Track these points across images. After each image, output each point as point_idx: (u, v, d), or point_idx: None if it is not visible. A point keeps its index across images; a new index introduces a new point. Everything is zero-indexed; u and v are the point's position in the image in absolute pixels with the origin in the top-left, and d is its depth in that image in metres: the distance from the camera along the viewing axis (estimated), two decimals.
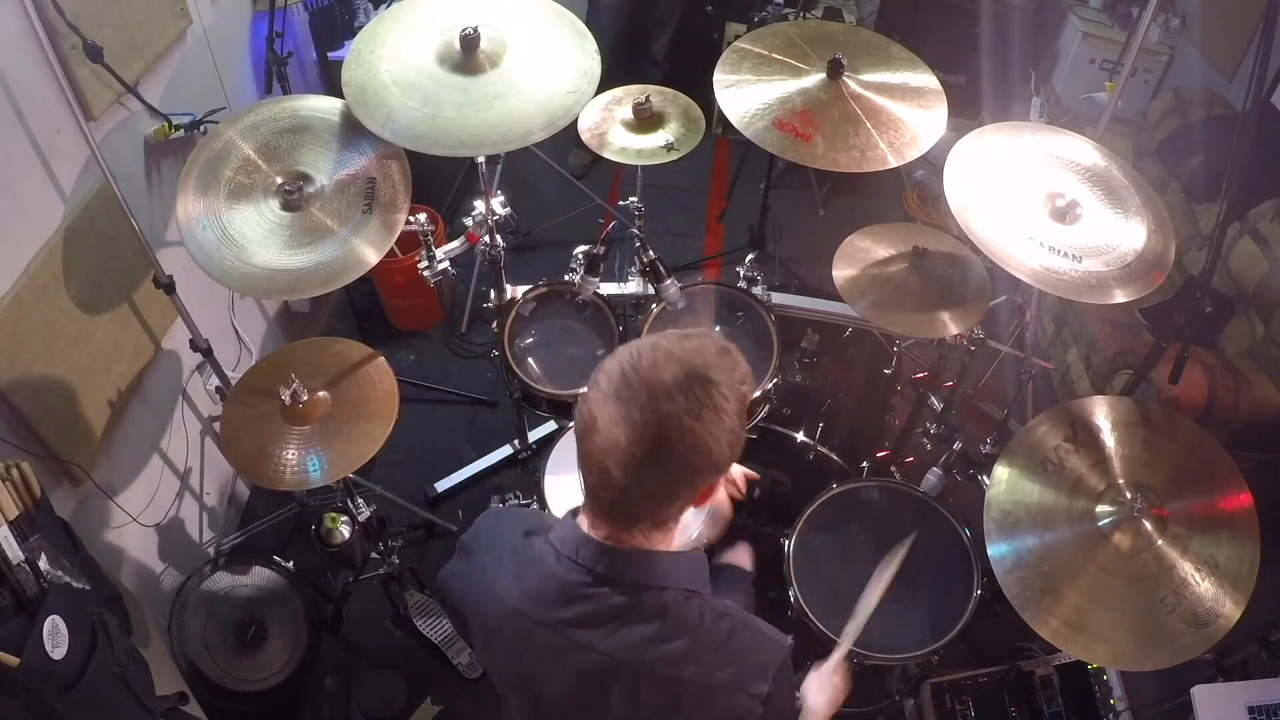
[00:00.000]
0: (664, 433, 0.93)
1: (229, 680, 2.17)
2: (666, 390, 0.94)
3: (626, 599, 1.02)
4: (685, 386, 0.94)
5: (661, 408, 0.93)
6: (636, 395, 0.94)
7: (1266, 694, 1.74)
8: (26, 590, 1.32)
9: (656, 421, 0.93)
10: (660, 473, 0.96)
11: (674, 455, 0.95)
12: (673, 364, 0.95)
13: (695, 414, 0.94)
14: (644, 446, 0.94)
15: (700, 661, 1.02)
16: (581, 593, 1.02)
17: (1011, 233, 1.64)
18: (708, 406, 0.94)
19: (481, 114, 1.68)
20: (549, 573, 1.05)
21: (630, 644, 1.01)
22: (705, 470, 0.99)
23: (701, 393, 0.94)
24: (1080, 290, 1.59)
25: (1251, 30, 2.84)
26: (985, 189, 1.68)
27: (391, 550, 2.20)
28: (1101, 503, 1.61)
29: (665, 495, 1.00)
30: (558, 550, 1.05)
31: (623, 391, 0.95)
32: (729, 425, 0.97)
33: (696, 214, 3.88)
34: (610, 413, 0.95)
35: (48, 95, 1.72)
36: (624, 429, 0.94)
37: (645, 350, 0.98)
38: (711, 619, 1.04)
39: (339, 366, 1.88)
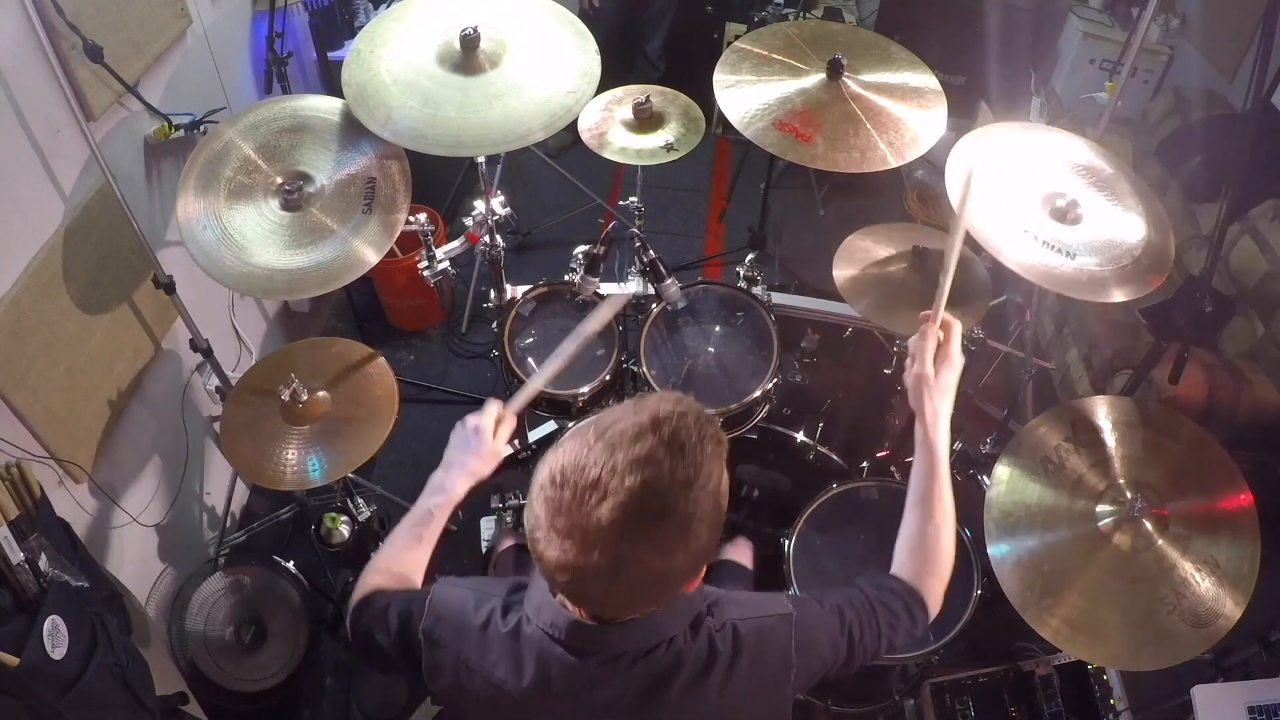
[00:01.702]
0: (623, 575, 0.86)
1: (229, 680, 2.17)
2: (608, 536, 0.83)
3: (637, 668, 0.98)
4: (635, 526, 0.83)
5: (614, 553, 0.84)
6: (576, 538, 0.84)
7: (1266, 694, 1.74)
8: (26, 590, 1.32)
9: (609, 565, 0.84)
10: (627, 590, 0.89)
11: (637, 581, 0.87)
12: (615, 496, 0.83)
13: (660, 550, 0.86)
14: (600, 576, 0.85)
15: (726, 685, 1.01)
16: (592, 676, 0.98)
17: (1008, 227, 1.64)
18: (667, 538, 0.85)
19: (481, 114, 1.68)
20: (550, 659, 0.98)
21: (657, 706, 0.99)
22: (679, 578, 0.92)
23: (657, 531, 0.85)
24: (1075, 286, 1.59)
25: (1251, 30, 2.84)
26: (985, 186, 1.68)
27: None
28: (1101, 503, 1.61)
29: (644, 603, 0.94)
30: (549, 635, 0.98)
31: (558, 524, 0.85)
32: (696, 543, 0.88)
33: (696, 214, 3.88)
34: (555, 548, 0.86)
35: (48, 95, 1.72)
36: (577, 562, 0.85)
37: (574, 474, 0.85)
38: (720, 638, 1.02)
39: (339, 366, 1.88)
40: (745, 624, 1.04)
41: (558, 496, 0.85)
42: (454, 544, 2.65)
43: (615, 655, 0.97)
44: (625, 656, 0.97)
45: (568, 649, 0.98)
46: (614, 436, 0.86)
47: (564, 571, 0.87)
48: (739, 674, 1.01)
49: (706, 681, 1.00)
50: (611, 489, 0.83)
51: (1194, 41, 3.29)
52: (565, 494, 0.85)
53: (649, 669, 0.98)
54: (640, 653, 0.98)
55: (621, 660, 0.98)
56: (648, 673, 0.98)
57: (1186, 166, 3.01)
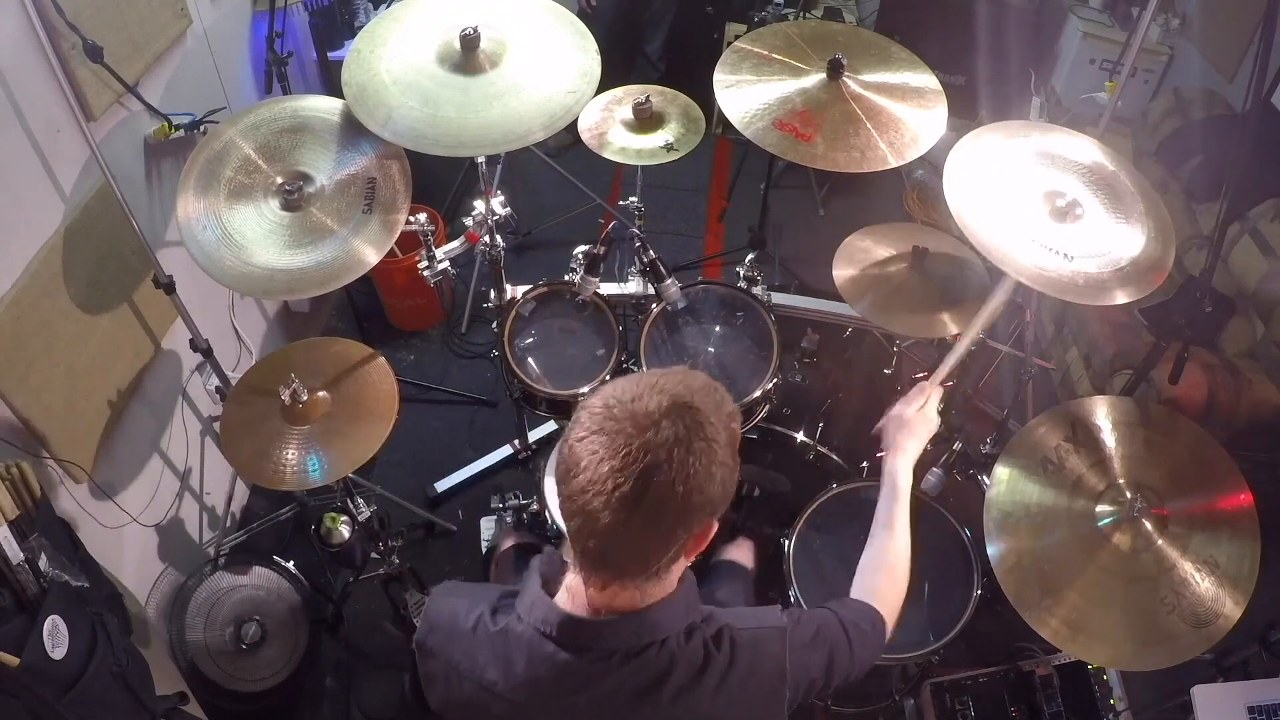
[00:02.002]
0: (651, 465, 0.87)
1: (229, 680, 2.17)
2: (654, 419, 0.89)
3: (629, 667, 0.98)
4: (672, 416, 0.89)
5: (648, 439, 0.88)
6: (622, 426, 0.89)
7: (1266, 694, 1.74)
8: (26, 590, 1.32)
9: (643, 452, 0.87)
10: (649, 513, 0.89)
11: (663, 491, 0.88)
12: (658, 395, 0.91)
13: (685, 444, 0.89)
14: (630, 482, 0.87)
15: (721, 690, 1.01)
16: (583, 674, 0.98)
17: (1008, 231, 1.63)
18: (698, 437, 0.90)
19: (481, 114, 1.68)
20: (540, 656, 0.99)
21: (649, 707, 0.99)
22: (698, 509, 0.92)
23: (691, 422, 0.90)
24: (1075, 291, 1.58)
25: (1251, 30, 2.84)
26: (984, 188, 1.68)
27: (391, 550, 2.20)
28: (1101, 503, 1.61)
29: (656, 540, 0.93)
30: (540, 632, 0.99)
31: (607, 424, 0.90)
32: (721, 458, 0.92)
33: (696, 214, 3.88)
34: (593, 448, 0.89)
35: (48, 95, 1.72)
36: (608, 464, 0.88)
37: (629, 384, 0.94)
38: (714, 645, 1.02)
39: (339, 366, 1.88)
40: (741, 634, 1.04)
41: (614, 398, 0.92)
42: (454, 544, 2.66)
43: (607, 653, 0.98)
44: (617, 655, 0.98)
45: (559, 645, 0.98)
46: (658, 374, 0.96)
47: (600, 482, 0.88)
48: (734, 681, 1.02)
49: (700, 685, 1.00)
50: (661, 386, 0.93)
51: (1194, 41, 3.30)
52: (625, 392, 0.93)
53: (641, 669, 0.98)
54: (632, 651, 0.98)
55: (613, 659, 0.98)
56: (640, 673, 0.99)
57: (1186, 166, 3.01)
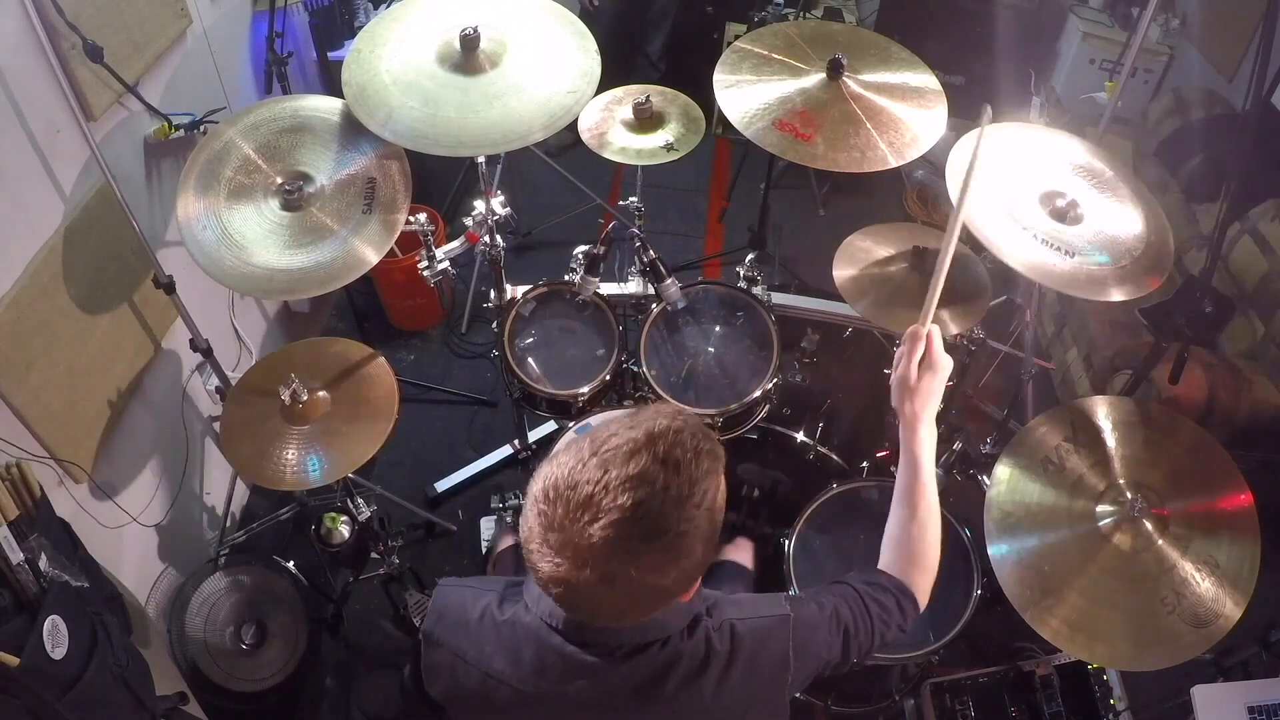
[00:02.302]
0: (615, 589, 0.85)
1: (229, 680, 2.16)
2: (600, 554, 0.83)
3: (633, 662, 0.98)
4: (627, 545, 0.83)
5: (606, 570, 0.84)
6: (568, 554, 0.84)
7: (1266, 694, 1.74)
8: (27, 590, 1.32)
9: (600, 580, 0.84)
10: (624, 604, 0.88)
11: (633, 591, 0.86)
12: (607, 515, 0.82)
13: (652, 569, 0.85)
14: (591, 587, 0.85)
15: (723, 684, 1.01)
16: (588, 665, 0.98)
17: (1007, 225, 1.64)
18: (660, 557, 0.85)
19: (481, 114, 1.68)
20: (546, 647, 0.99)
21: (652, 701, 1.00)
22: (672, 591, 0.90)
23: (650, 550, 0.84)
24: (1074, 284, 1.59)
25: (1251, 30, 2.84)
26: (984, 185, 1.68)
27: (391, 550, 2.20)
28: (1101, 503, 1.61)
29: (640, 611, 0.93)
30: (547, 624, 0.99)
31: (550, 539, 0.85)
32: (689, 547, 0.87)
33: (696, 214, 3.88)
34: (549, 562, 0.86)
35: (48, 95, 1.72)
36: (565, 569, 0.85)
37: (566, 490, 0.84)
38: (717, 639, 1.02)
39: (339, 366, 1.88)
40: (743, 624, 1.05)
41: (550, 512, 0.85)
42: (454, 544, 2.66)
43: (611, 648, 0.98)
44: (621, 649, 0.98)
45: (565, 638, 0.99)
46: (608, 453, 0.85)
47: (557, 584, 0.87)
48: (736, 674, 1.02)
49: (702, 679, 1.00)
50: (604, 508, 0.82)
51: (1194, 41, 3.30)
52: (558, 510, 0.84)
53: (645, 663, 0.99)
54: (636, 647, 0.98)
55: (618, 653, 0.98)
56: (643, 667, 0.99)
57: (1186, 166, 3.01)
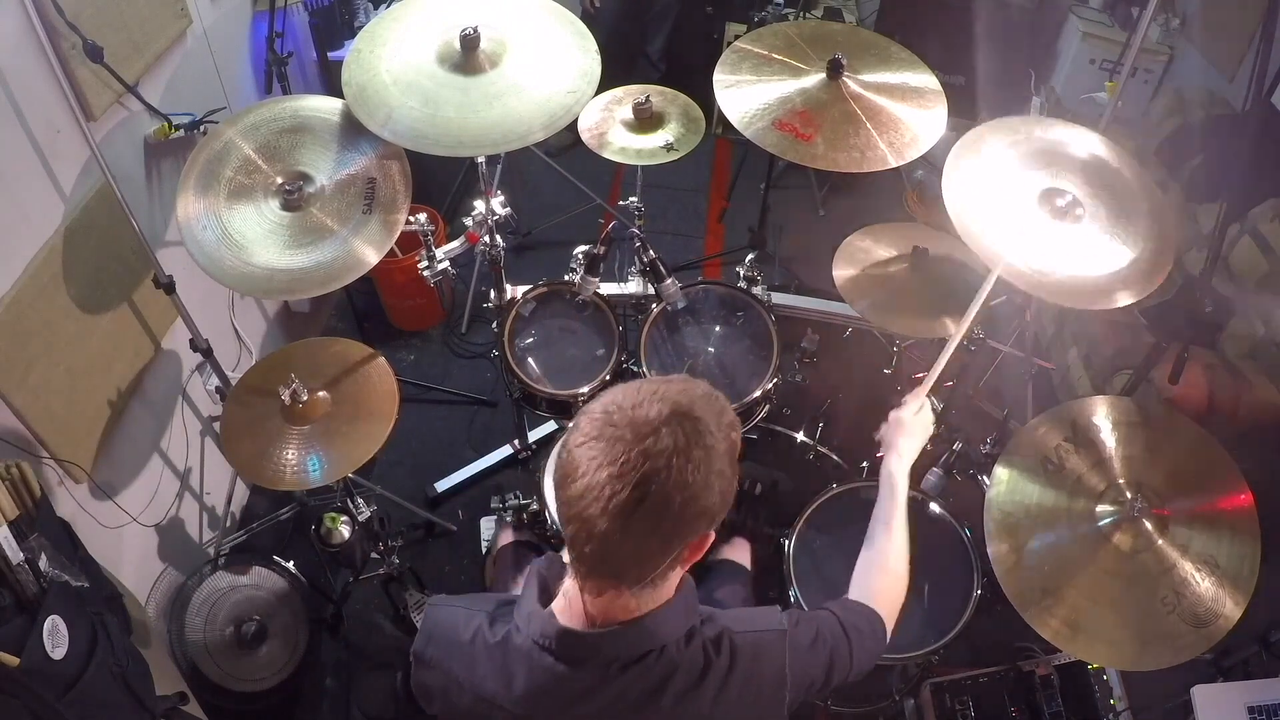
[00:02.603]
0: (650, 472, 0.87)
1: (229, 680, 2.17)
2: (653, 427, 0.88)
3: (628, 675, 0.98)
4: (672, 423, 0.89)
5: (647, 445, 0.87)
6: (620, 433, 0.89)
7: (1266, 694, 1.74)
8: (26, 590, 1.32)
9: (642, 459, 0.87)
10: (646, 520, 0.89)
11: (661, 499, 0.88)
12: (659, 403, 0.90)
13: (684, 452, 0.88)
14: (628, 488, 0.87)
15: (721, 696, 1.01)
16: (582, 686, 0.98)
17: (1006, 236, 1.63)
18: (697, 445, 0.89)
19: (481, 114, 1.68)
20: (538, 669, 0.99)
21: (652, 713, 0.99)
22: (695, 518, 0.92)
23: (690, 430, 0.89)
24: (1076, 296, 1.58)
25: (1251, 30, 2.84)
26: (983, 190, 1.68)
27: (391, 550, 2.20)
28: (1101, 503, 1.61)
29: (651, 550, 0.93)
30: (539, 645, 0.99)
31: (605, 430, 0.89)
32: (719, 468, 0.92)
33: (696, 214, 3.88)
34: (592, 453, 0.89)
35: (48, 95, 1.72)
36: (607, 470, 0.87)
37: (630, 390, 0.93)
38: (714, 650, 1.02)
39: (339, 366, 1.88)
40: (741, 637, 1.04)
41: (618, 401, 0.92)
42: (454, 544, 2.66)
43: (605, 663, 0.98)
44: (615, 664, 0.98)
45: (558, 658, 0.98)
46: (658, 381, 0.96)
47: (599, 487, 0.88)
48: (734, 685, 1.01)
49: (700, 691, 1.00)
50: (663, 396, 0.92)
51: (1194, 41, 3.29)
52: (626, 398, 0.92)
53: (640, 677, 0.98)
54: (630, 660, 0.98)
55: (612, 668, 0.98)
56: (639, 680, 0.98)
57: (1186, 166, 3.01)
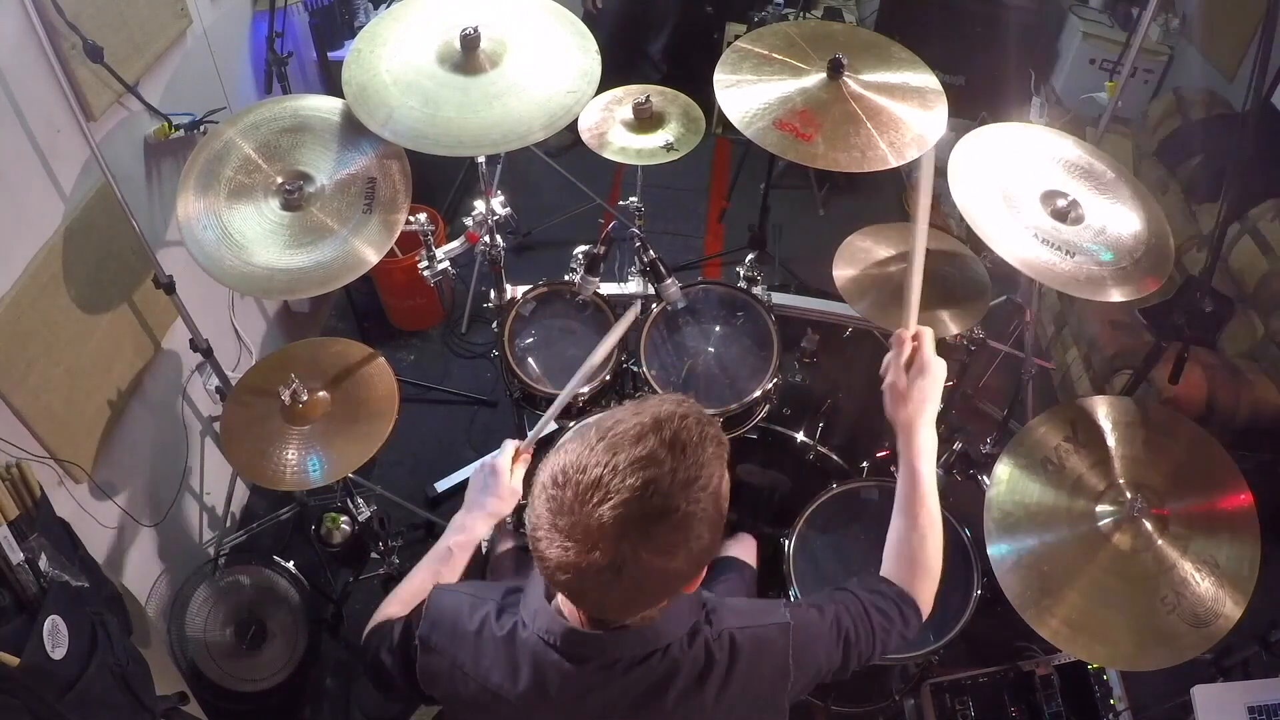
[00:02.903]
0: (616, 561, 0.85)
1: (229, 680, 2.17)
2: (610, 534, 0.83)
3: (633, 675, 0.98)
4: (637, 525, 0.83)
5: (615, 552, 0.84)
6: (577, 537, 0.84)
7: (1266, 694, 1.74)
8: (27, 590, 1.32)
9: (610, 564, 0.84)
10: (631, 590, 0.88)
11: (639, 575, 0.86)
12: (617, 495, 0.83)
13: (646, 541, 0.84)
14: (597, 573, 0.85)
15: (723, 694, 1.01)
16: (587, 683, 0.98)
17: (1007, 224, 1.63)
18: (668, 538, 0.85)
19: (481, 114, 1.68)
20: (544, 665, 0.99)
21: (653, 713, 0.99)
22: (679, 576, 0.91)
23: (660, 507, 0.84)
24: (1074, 284, 1.59)
25: (1251, 30, 2.84)
26: (985, 186, 1.68)
27: (391, 550, 2.20)
28: (1101, 503, 1.61)
29: (640, 603, 0.93)
30: (544, 641, 0.99)
31: (560, 523, 0.86)
32: (697, 533, 0.87)
33: (696, 214, 3.88)
34: (557, 547, 0.86)
35: (48, 95, 1.72)
36: (574, 550, 0.85)
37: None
38: (716, 648, 1.02)
39: (339, 366, 1.88)
40: (743, 633, 1.04)
41: (560, 496, 0.86)
42: None
43: (610, 662, 0.98)
44: (620, 664, 0.98)
45: (563, 655, 0.98)
46: (615, 437, 0.86)
47: (565, 571, 0.87)
48: (735, 683, 1.01)
49: (702, 690, 1.00)
50: (613, 488, 0.83)
51: (1194, 41, 3.30)
52: (567, 494, 0.85)
53: (644, 676, 0.98)
54: (635, 660, 0.98)
55: (616, 667, 0.98)
56: (643, 680, 0.98)
57: (1186, 166, 3.01)
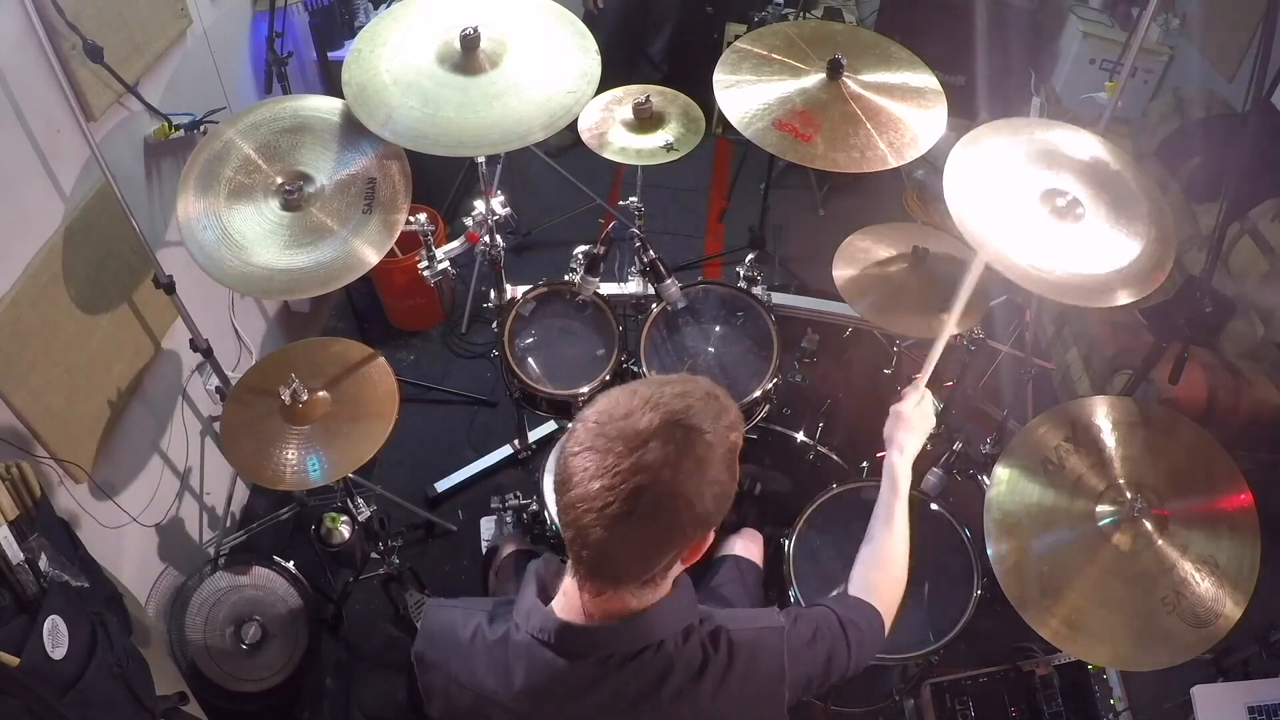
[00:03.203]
0: (641, 484, 0.88)
1: (229, 680, 2.17)
2: (643, 439, 0.89)
3: (627, 671, 0.99)
4: (664, 435, 0.90)
5: (638, 459, 0.89)
6: (612, 445, 0.90)
7: (1266, 694, 1.74)
8: (27, 590, 1.32)
9: (632, 473, 0.88)
10: (639, 528, 0.90)
11: (652, 509, 0.89)
12: (651, 411, 0.91)
13: (674, 464, 0.89)
14: (620, 500, 0.88)
15: (720, 692, 1.01)
16: (582, 680, 0.99)
17: (1006, 232, 1.63)
18: (688, 456, 0.90)
19: (481, 114, 1.68)
20: (538, 664, 1.00)
21: (649, 710, 1.00)
22: (688, 525, 0.94)
23: (682, 441, 0.90)
24: (1076, 293, 1.58)
25: (1251, 30, 2.84)
26: (984, 190, 1.68)
27: (391, 550, 2.20)
28: (1101, 503, 1.61)
29: (647, 553, 0.95)
30: (538, 640, 1.00)
31: (598, 441, 0.91)
32: (713, 476, 0.92)
33: (696, 214, 3.88)
34: (586, 464, 0.90)
35: (48, 95, 1.72)
36: (599, 481, 0.89)
37: (623, 397, 0.94)
38: (712, 647, 1.02)
39: (339, 366, 1.88)
40: (739, 634, 1.05)
41: (611, 410, 0.93)
42: (454, 544, 2.66)
43: (604, 657, 0.98)
44: (614, 659, 0.98)
45: (557, 652, 0.99)
46: (652, 384, 0.96)
47: (587, 498, 0.90)
48: (733, 682, 1.02)
49: (699, 687, 1.00)
50: (657, 402, 0.92)
51: (1194, 41, 3.29)
52: (619, 407, 0.93)
53: (639, 672, 0.99)
54: (629, 654, 0.99)
55: (610, 663, 0.98)
56: (638, 676, 0.99)
57: (1186, 166, 3.01)
